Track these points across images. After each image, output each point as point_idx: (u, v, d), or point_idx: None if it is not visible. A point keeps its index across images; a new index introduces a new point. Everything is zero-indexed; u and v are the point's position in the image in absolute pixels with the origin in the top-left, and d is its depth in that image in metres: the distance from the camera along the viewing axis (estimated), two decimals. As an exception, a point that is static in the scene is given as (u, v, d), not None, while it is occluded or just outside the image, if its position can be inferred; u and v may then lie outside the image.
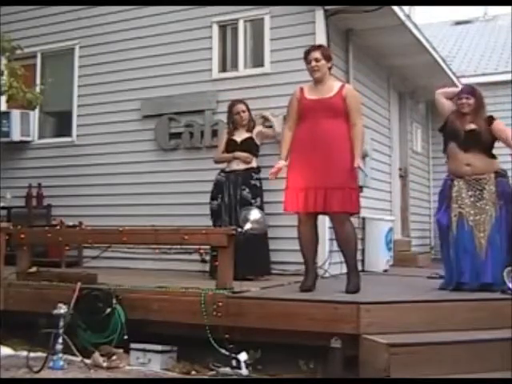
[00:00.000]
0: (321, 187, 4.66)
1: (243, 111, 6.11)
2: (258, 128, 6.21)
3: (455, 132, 5.07)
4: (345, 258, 4.81)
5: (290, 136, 4.91)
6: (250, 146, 6.07)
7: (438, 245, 5.44)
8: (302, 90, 4.92)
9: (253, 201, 5.81)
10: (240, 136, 6.10)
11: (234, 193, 5.92)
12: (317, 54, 4.83)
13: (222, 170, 6.11)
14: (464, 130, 5.02)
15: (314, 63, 4.81)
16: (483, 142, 5.01)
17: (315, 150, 4.70)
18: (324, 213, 4.87)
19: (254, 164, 6.07)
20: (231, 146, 6.11)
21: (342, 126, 4.75)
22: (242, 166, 6.01)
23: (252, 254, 5.56)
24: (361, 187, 5.39)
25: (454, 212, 4.99)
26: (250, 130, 6.13)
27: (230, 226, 5.08)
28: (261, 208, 5.66)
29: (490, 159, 5.06)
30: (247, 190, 5.89)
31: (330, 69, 4.92)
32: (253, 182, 5.95)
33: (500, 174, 5.04)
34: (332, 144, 4.70)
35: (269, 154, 6.19)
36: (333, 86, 4.84)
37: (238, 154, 6.01)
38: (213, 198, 6.03)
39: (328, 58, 4.87)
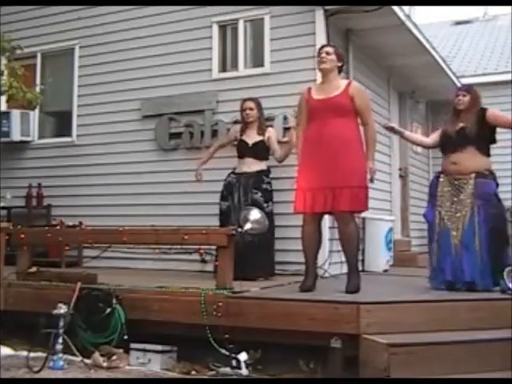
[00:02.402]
0: (329, 187, 4.64)
1: (250, 109, 6.04)
2: (269, 133, 6.08)
3: (447, 136, 5.11)
4: (346, 258, 4.81)
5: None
6: (260, 150, 6.01)
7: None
8: (309, 90, 4.92)
9: (265, 205, 5.75)
10: (251, 138, 6.04)
11: (245, 195, 5.86)
12: (329, 49, 4.87)
13: (233, 172, 6.08)
14: (454, 130, 5.03)
15: (323, 54, 4.82)
16: (475, 137, 4.93)
17: (323, 150, 4.68)
18: (330, 212, 4.85)
19: (264, 167, 6.03)
20: (242, 147, 6.06)
21: (350, 125, 4.75)
22: (254, 169, 5.97)
23: (255, 255, 5.56)
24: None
25: (438, 209, 5.03)
26: (261, 132, 6.04)
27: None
28: (271, 211, 5.69)
29: (482, 157, 4.98)
30: (260, 193, 5.83)
31: (340, 69, 4.92)
32: (264, 185, 5.91)
33: (481, 175, 4.92)
34: (339, 143, 4.68)
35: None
36: (339, 85, 4.83)
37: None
38: (222, 199, 5.99)
39: (339, 57, 4.89)
